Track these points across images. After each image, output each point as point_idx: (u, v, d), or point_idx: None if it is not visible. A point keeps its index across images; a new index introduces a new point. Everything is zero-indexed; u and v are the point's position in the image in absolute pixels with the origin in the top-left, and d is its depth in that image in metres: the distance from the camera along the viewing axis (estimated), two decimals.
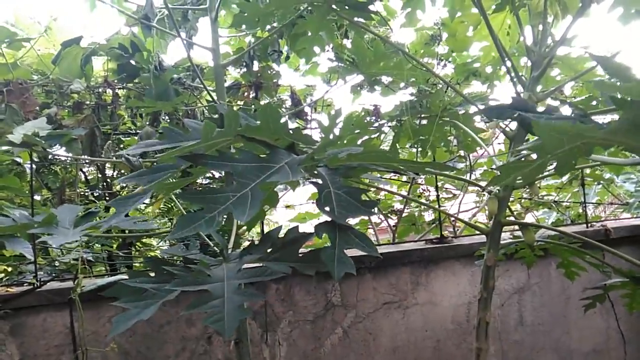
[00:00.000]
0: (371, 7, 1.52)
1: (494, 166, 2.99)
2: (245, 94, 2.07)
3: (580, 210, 3.31)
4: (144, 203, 2.14)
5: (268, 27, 2.04)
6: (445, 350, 2.32)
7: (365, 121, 2.29)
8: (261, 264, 1.01)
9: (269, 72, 2.12)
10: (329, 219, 0.83)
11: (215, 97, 1.68)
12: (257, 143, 0.87)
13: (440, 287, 2.34)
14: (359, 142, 1.57)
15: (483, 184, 1.49)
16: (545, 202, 3.13)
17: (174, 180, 0.87)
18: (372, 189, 2.43)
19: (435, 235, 2.50)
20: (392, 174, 2.47)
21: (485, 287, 1.53)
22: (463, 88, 2.35)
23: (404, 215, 2.86)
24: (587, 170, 2.95)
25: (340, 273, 0.76)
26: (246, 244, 1.83)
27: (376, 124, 2.26)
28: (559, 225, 3.04)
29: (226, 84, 2.15)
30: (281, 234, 1.10)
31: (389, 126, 2.27)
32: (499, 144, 3.03)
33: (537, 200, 3.04)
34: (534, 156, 0.83)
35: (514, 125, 1.66)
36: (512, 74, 1.44)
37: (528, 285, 2.51)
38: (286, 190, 1.96)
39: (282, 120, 0.85)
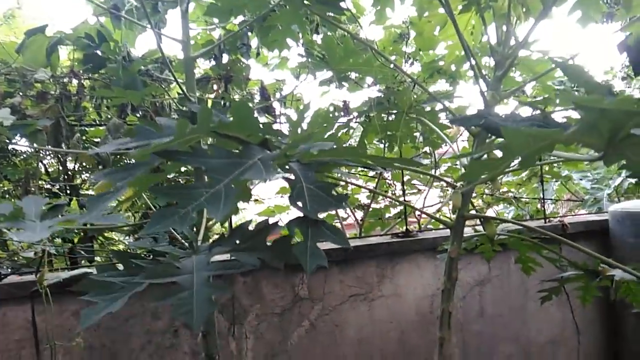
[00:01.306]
0: (342, 4, 1.54)
1: (457, 163, 3.07)
2: (215, 87, 2.06)
3: (539, 206, 3.43)
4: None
5: (239, 20, 2.05)
6: (410, 340, 2.38)
7: (334, 117, 2.32)
8: (230, 257, 1.02)
9: (239, 64, 2.11)
10: (300, 213, 0.85)
11: (185, 90, 1.67)
12: (230, 139, 0.88)
13: (405, 280, 2.40)
14: (326, 136, 1.61)
15: (448, 179, 1.54)
16: (506, 198, 3.23)
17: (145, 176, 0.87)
18: (341, 184, 2.46)
19: (401, 230, 2.55)
20: (361, 169, 2.51)
21: (449, 279, 1.58)
22: (429, 85, 2.40)
23: (370, 209, 2.90)
24: (546, 168, 3.06)
25: (313, 266, 0.78)
26: (215, 237, 1.84)
27: (345, 120, 2.29)
28: (520, 221, 3.15)
29: (195, 77, 2.14)
30: (251, 228, 1.11)
31: (357, 122, 2.31)
32: (463, 141, 3.11)
33: (498, 196, 3.14)
34: (497, 153, 0.88)
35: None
36: (477, 73, 1.48)
37: (488, 277, 2.60)
38: (256, 183, 1.96)
39: (255, 116, 0.86)
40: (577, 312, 2.75)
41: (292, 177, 0.89)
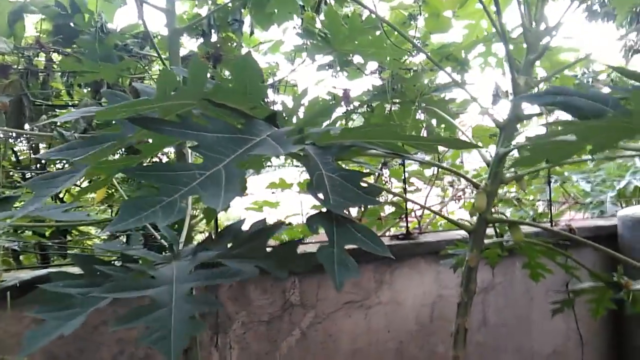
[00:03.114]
0: None
1: (460, 160, 2.89)
2: None
3: (541, 209, 3.28)
4: (77, 185, 1.86)
5: None
6: (408, 352, 2.19)
7: (333, 106, 2.12)
8: (218, 263, 0.81)
9: (230, 43, 1.89)
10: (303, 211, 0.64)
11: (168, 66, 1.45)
12: (229, 111, 0.67)
13: (405, 286, 2.20)
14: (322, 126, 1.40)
15: (472, 179, 1.35)
16: (508, 200, 3.06)
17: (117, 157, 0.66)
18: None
19: (400, 231, 2.36)
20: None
21: (467, 290, 1.40)
22: (434, 74, 2.20)
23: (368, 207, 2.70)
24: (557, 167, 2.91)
25: (344, 279, 0.58)
26: (200, 237, 1.62)
27: (345, 109, 2.09)
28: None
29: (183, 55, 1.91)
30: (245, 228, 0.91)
31: (359, 112, 2.10)
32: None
33: (501, 197, 2.97)
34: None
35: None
36: (508, 57, 1.30)
37: (492, 285, 2.42)
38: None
39: (263, 82, 0.65)
40: (581, 322, 2.59)
41: (309, 162, 0.68)
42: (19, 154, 2.35)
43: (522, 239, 1.36)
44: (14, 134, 1.63)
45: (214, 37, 2.01)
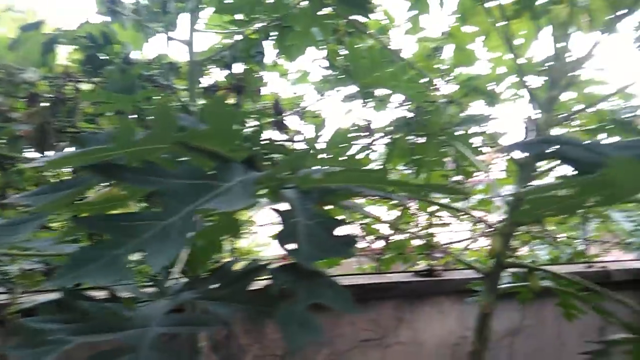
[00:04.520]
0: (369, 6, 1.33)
1: (491, 195, 2.80)
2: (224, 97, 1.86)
3: (579, 247, 3.13)
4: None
5: (254, 27, 1.85)
6: None
7: (355, 137, 2.09)
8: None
9: (253, 75, 1.91)
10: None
11: (186, 98, 1.47)
12: (205, 155, 0.65)
13: (425, 325, 2.12)
14: (344, 158, 1.37)
15: (485, 217, 1.29)
16: (542, 237, 2.93)
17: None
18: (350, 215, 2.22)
19: (424, 267, 2.29)
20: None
21: (480, 339, 1.32)
22: (464, 107, 2.14)
23: (391, 240, 2.64)
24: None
25: (299, 343, 0.54)
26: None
27: (367, 141, 2.06)
28: (557, 264, 2.86)
29: (203, 85, 1.94)
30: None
31: (382, 144, 2.07)
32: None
33: (534, 234, 2.85)
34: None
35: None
36: (528, 92, 1.24)
37: (521, 327, 2.30)
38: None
39: (238, 123, 0.64)
40: None
41: (286, 208, 0.65)
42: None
43: (539, 287, 1.28)
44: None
45: (241, 68, 2.04)
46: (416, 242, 2.76)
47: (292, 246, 0.59)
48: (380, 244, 2.64)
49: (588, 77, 1.73)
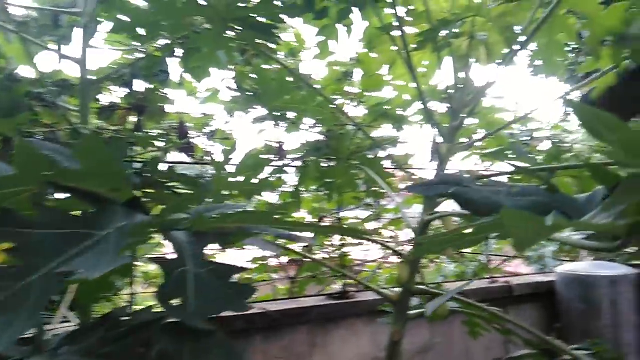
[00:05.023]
0: (275, 32, 1.29)
1: (400, 215, 2.86)
2: (121, 118, 1.74)
3: (482, 261, 3.27)
4: None
5: (158, 44, 1.76)
6: None
7: (267, 159, 2.05)
8: None
9: (157, 94, 1.81)
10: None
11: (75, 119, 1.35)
12: (82, 197, 0.58)
13: (340, 349, 2.10)
14: (255, 180, 1.32)
15: (392, 245, 1.29)
16: (451, 256, 3.03)
17: None
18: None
19: (338, 288, 2.28)
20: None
21: None
22: (373, 130, 2.18)
23: (304, 264, 2.61)
24: None
25: None
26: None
27: (279, 164, 2.02)
28: (465, 283, 2.96)
29: (101, 105, 1.81)
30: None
31: (294, 167, 2.04)
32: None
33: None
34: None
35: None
36: (430, 121, 1.27)
37: (430, 345, 2.35)
38: None
39: (121, 158, 0.57)
40: None
41: (173, 256, 0.59)
42: None
43: (446, 313, 1.30)
44: None
45: (143, 86, 1.93)
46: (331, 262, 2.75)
47: (176, 302, 0.54)
48: (294, 267, 2.60)
49: (489, 104, 1.82)
